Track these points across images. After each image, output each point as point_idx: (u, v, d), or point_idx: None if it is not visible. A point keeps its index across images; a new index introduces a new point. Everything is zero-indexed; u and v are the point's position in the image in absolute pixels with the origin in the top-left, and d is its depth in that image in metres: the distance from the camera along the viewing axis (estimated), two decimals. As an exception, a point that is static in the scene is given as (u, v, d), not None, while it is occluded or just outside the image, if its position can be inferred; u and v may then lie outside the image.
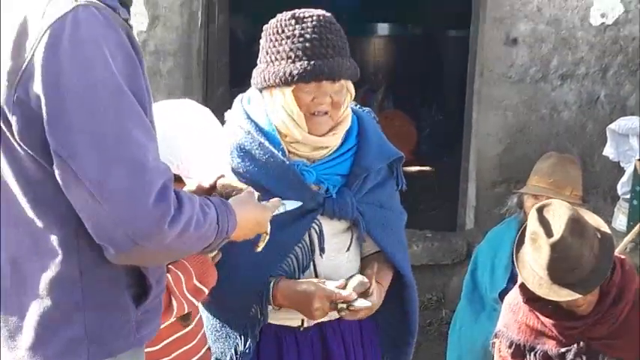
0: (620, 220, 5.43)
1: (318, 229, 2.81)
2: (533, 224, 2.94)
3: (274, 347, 2.88)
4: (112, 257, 1.85)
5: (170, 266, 2.47)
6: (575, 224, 2.91)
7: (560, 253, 2.86)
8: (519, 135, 5.87)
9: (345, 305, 2.67)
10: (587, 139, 5.83)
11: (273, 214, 2.35)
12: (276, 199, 2.40)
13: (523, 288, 3.08)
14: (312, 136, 2.74)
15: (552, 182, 4.15)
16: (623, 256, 3.20)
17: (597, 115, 5.80)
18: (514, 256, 3.08)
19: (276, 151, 2.74)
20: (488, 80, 5.88)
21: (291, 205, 2.46)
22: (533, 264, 2.93)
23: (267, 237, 2.35)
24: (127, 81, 1.81)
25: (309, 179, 2.78)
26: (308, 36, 2.63)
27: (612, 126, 5.45)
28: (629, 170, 5.40)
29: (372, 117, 3.03)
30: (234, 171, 2.73)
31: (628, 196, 5.37)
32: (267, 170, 2.73)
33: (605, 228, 3.05)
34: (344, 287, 2.70)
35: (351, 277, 2.77)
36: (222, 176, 2.37)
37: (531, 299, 3.09)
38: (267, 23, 2.76)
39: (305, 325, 2.89)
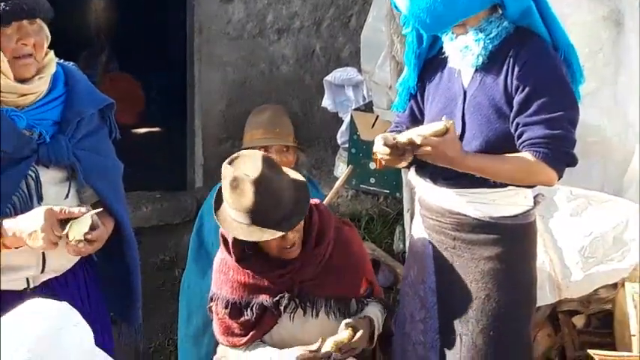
0: (341, 168, 5.66)
1: (34, 177, 2.73)
2: (230, 173, 2.93)
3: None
4: None
5: None
6: (270, 162, 2.98)
7: (263, 188, 2.90)
8: (241, 91, 5.94)
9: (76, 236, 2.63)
10: (306, 91, 5.99)
11: None
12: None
13: (234, 246, 3.10)
14: (19, 85, 2.68)
15: (278, 132, 4.19)
16: (317, 201, 3.30)
17: (314, 67, 5.97)
18: (216, 219, 3.06)
19: None
20: (207, 37, 5.89)
21: None
22: (237, 211, 2.95)
23: None
24: None
25: (20, 125, 2.70)
26: None
27: (328, 77, 5.65)
28: (346, 120, 5.62)
29: (77, 69, 2.98)
30: None
31: (347, 145, 5.59)
32: None
33: (294, 174, 3.14)
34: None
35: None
36: None
37: (242, 259, 3.13)
38: None
39: (31, 285, 2.82)
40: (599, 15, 4.14)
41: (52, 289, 2.86)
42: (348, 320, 3.12)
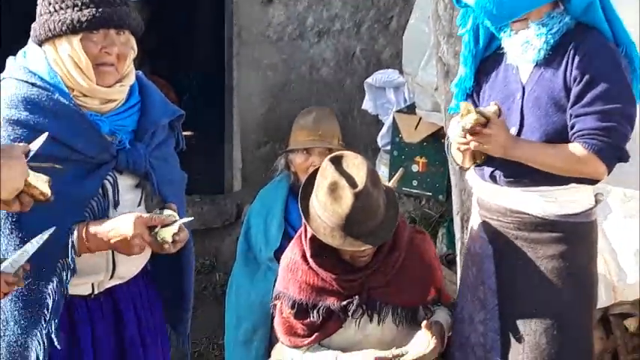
0: (383, 172, 5.61)
1: (112, 182, 2.73)
2: (331, 175, 2.91)
3: (65, 317, 2.74)
4: None
5: None
6: (373, 175, 2.96)
7: (362, 202, 2.88)
8: (281, 94, 5.92)
9: (166, 237, 2.65)
10: (346, 94, 5.96)
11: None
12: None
13: (312, 241, 3.09)
14: (100, 87, 2.67)
15: (321, 134, 4.21)
16: None
17: (354, 70, 5.93)
18: (300, 210, 3.05)
19: (67, 102, 2.63)
20: (246, 41, 5.88)
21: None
22: (329, 215, 2.93)
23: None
24: None
25: (104, 129, 2.70)
26: None
27: (369, 80, 5.60)
28: (387, 122, 5.58)
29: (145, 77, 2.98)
30: (23, 124, 2.57)
31: (388, 148, 5.56)
32: (59, 122, 2.61)
33: (384, 181, 3.13)
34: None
35: (161, 209, 2.75)
36: None
37: (316, 254, 3.10)
38: None
39: (96, 291, 2.81)
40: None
41: (113, 296, 2.87)
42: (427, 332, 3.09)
